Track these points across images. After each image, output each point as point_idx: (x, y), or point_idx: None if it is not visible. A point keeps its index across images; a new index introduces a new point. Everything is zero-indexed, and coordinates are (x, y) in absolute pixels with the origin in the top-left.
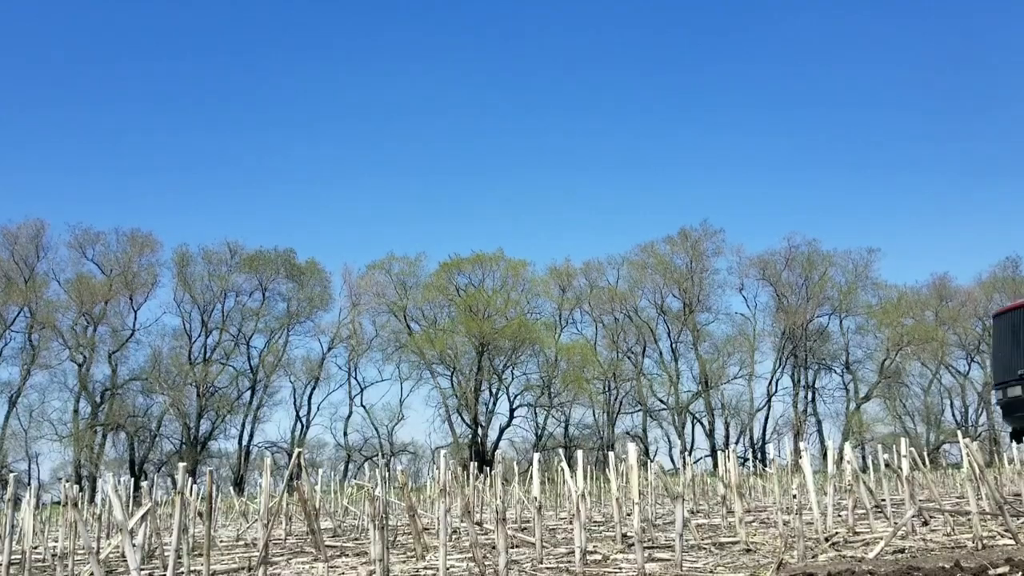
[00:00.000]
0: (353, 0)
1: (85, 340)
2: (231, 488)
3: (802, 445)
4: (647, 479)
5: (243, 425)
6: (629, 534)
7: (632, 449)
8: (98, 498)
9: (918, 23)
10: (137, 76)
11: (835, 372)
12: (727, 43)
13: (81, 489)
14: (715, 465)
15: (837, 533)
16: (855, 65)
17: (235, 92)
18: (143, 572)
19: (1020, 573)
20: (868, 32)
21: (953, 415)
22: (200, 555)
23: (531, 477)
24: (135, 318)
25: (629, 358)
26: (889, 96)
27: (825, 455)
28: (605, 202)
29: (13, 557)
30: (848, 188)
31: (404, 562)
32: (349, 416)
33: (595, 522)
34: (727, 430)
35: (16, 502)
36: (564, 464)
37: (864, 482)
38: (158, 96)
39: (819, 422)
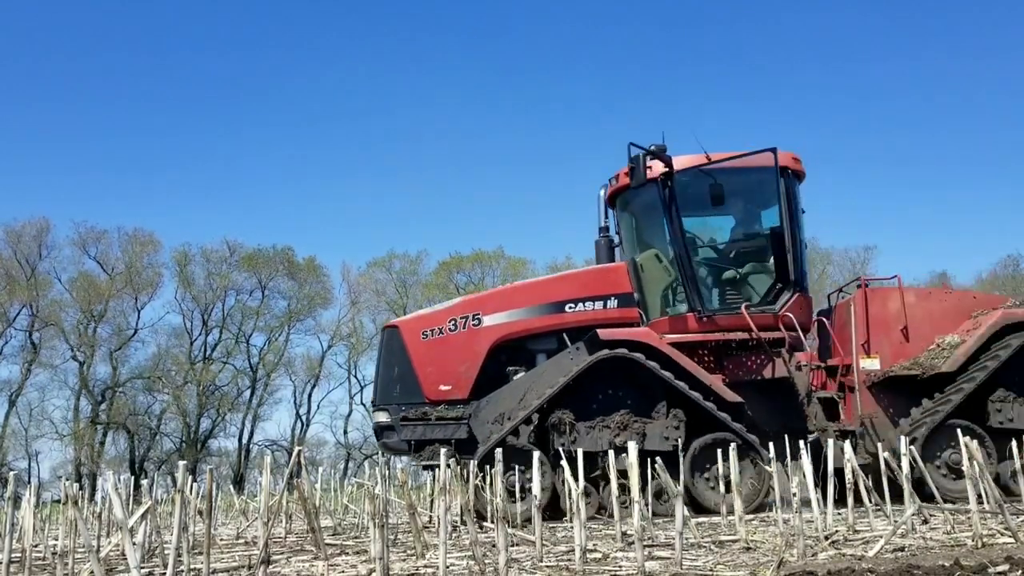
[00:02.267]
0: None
1: (87, 339)
2: (231, 486)
3: (801, 443)
4: (647, 476)
5: (243, 423)
6: (629, 532)
7: (632, 447)
8: (98, 496)
9: (917, 18)
10: (137, 75)
11: None
12: (725, 40)
13: (81, 487)
14: None
15: (837, 531)
16: (853, 62)
17: (236, 91)
18: (143, 570)
19: (1020, 571)
20: (866, 27)
21: None
22: (200, 553)
23: (531, 475)
24: (138, 317)
25: None
26: (887, 92)
27: (824, 453)
28: None
29: (13, 555)
30: (845, 184)
31: (404, 560)
32: (349, 414)
33: (595, 520)
34: None
35: (16, 500)
36: (564, 462)
37: (864, 480)
38: (159, 95)
39: None
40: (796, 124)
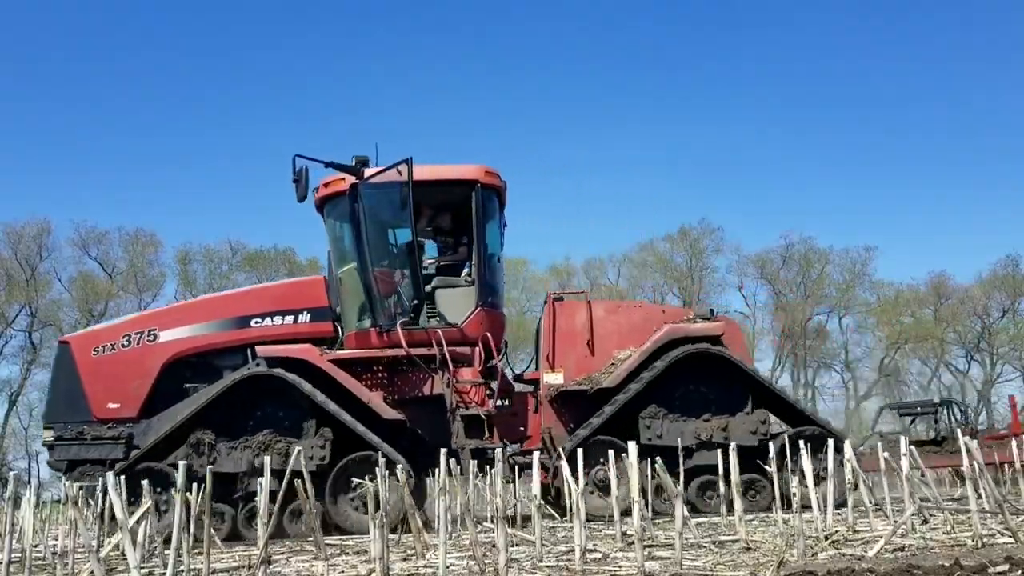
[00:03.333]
0: None
1: None
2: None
3: (801, 443)
4: (647, 476)
5: None
6: (629, 532)
7: (632, 446)
8: (98, 496)
9: (917, 18)
10: (137, 75)
11: (835, 370)
12: (725, 40)
13: (81, 487)
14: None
15: (837, 531)
16: (853, 62)
17: (236, 90)
18: (143, 570)
19: (1020, 571)
20: (866, 28)
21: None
22: (200, 553)
23: (531, 475)
24: None
25: None
26: (887, 92)
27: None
28: (605, 200)
29: (13, 555)
30: (845, 185)
31: (404, 560)
32: None
33: (595, 520)
34: None
35: (16, 500)
36: (563, 461)
37: (864, 480)
38: (160, 95)
39: None
40: (797, 124)
